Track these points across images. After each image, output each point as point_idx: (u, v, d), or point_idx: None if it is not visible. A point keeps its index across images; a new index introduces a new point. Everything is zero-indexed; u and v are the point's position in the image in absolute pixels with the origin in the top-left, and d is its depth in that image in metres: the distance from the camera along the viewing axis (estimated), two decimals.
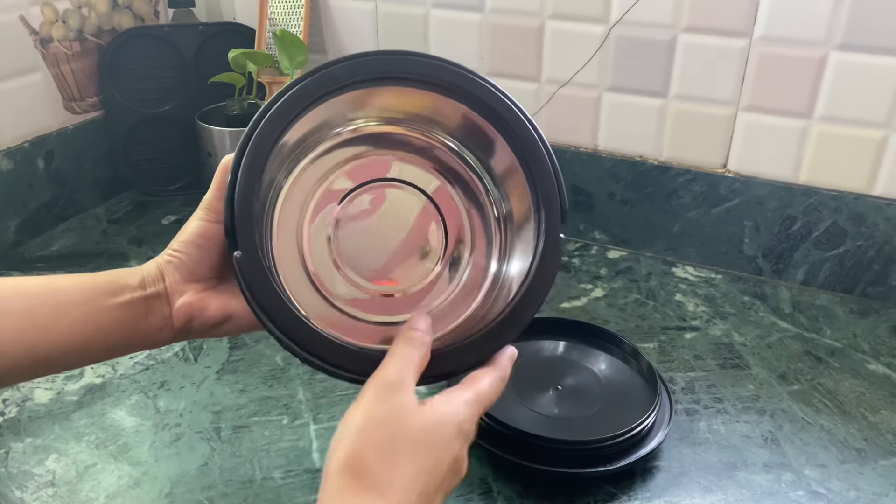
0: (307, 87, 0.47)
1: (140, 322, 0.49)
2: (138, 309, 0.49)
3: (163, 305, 0.50)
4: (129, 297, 0.48)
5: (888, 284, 0.83)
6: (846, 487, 0.59)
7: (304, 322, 0.45)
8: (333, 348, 0.45)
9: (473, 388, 0.44)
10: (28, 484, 0.60)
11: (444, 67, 0.50)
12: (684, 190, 0.89)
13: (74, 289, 0.47)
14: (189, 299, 0.50)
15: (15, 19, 0.91)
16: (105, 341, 0.48)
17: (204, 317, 0.50)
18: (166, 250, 0.51)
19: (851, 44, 0.76)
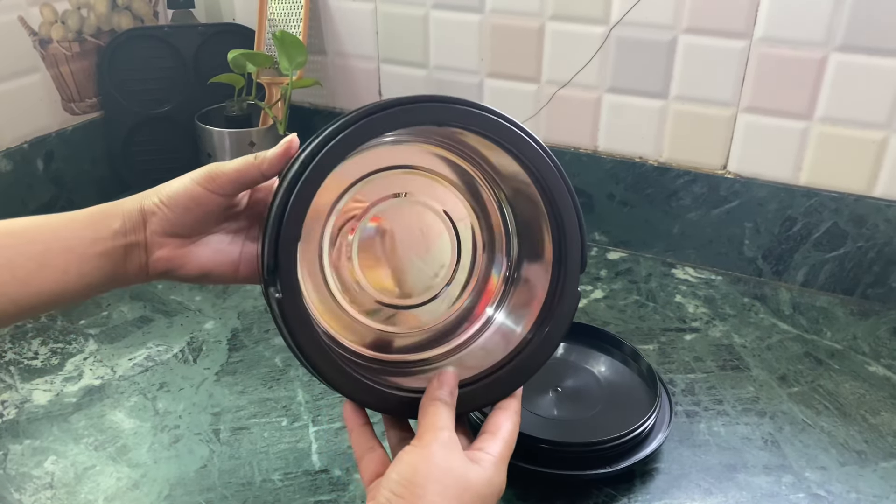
0: (362, 128, 0.45)
1: (118, 267, 0.50)
2: (118, 255, 0.49)
3: (140, 253, 0.50)
4: (109, 245, 0.49)
5: (888, 286, 0.82)
6: (846, 489, 0.59)
7: (344, 369, 0.46)
8: (372, 392, 0.47)
9: (504, 441, 0.46)
10: (26, 486, 0.60)
11: (494, 122, 0.49)
12: (684, 191, 0.89)
13: (53, 238, 0.48)
14: (167, 254, 0.50)
15: (14, 20, 0.91)
16: (85, 286, 0.49)
17: (181, 272, 0.51)
18: (152, 196, 0.51)
19: (852, 45, 0.76)
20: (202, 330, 0.78)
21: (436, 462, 0.42)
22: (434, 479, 0.41)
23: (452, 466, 0.42)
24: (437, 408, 0.46)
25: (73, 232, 0.48)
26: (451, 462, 0.42)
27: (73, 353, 0.75)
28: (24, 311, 0.48)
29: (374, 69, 1.02)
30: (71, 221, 0.49)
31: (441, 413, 0.45)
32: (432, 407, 0.46)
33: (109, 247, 0.49)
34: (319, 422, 0.66)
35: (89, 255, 0.48)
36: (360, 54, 1.02)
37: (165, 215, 0.50)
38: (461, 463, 0.43)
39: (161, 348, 0.76)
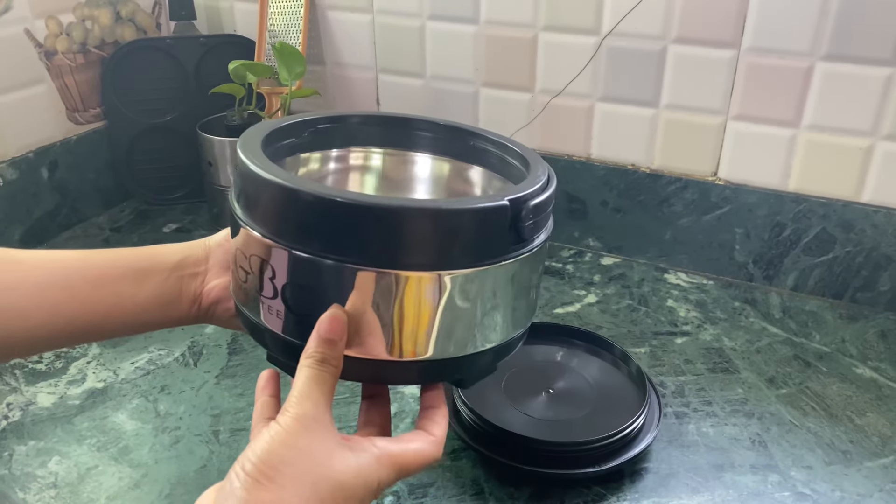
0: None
1: (173, 301, 0.50)
2: (173, 288, 0.50)
3: (197, 284, 0.50)
4: (165, 276, 0.49)
5: (876, 290, 0.84)
6: (831, 488, 0.61)
7: None
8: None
9: (408, 451, 0.41)
10: (31, 485, 0.61)
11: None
12: (676, 197, 0.90)
13: (109, 265, 0.49)
14: (223, 283, 0.50)
15: (20, 32, 0.93)
16: (139, 316, 0.49)
17: (230, 303, 0.50)
18: (221, 232, 0.52)
19: (837, 54, 0.78)
20: (203, 334, 0.80)
21: (293, 443, 0.36)
22: (289, 461, 0.36)
23: (313, 449, 0.37)
24: (306, 374, 0.39)
25: (132, 262, 0.49)
26: (312, 443, 0.37)
27: (77, 357, 0.76)
28: (77, 333, 0.48)
29: (371, 79, 1.04)
30: (131, 252, 0.50)
31: (309, 379, 0.39)
32: (301, 373, 0.39)
33: (165, 277, 0.49)
34: None
35: (145, 282, 0.49)
36: (358, 64, 1.04)
37: (227, 249, 0.51)
38: (326, 445, 0.37)
39: (162, 352, 0.77)
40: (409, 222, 0.38)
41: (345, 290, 0.39)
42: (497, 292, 0.42)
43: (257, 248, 0.41)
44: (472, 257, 0.40)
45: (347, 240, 0.38)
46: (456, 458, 0.64)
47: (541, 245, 0.44)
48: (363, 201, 0.38)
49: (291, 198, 0.39)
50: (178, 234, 1.02)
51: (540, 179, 0.43)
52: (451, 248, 0.39)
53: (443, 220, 0.38)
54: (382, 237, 0.38)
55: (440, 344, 0.41)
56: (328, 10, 1.02)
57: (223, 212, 1.02)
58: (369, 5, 0.99)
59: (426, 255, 0.39)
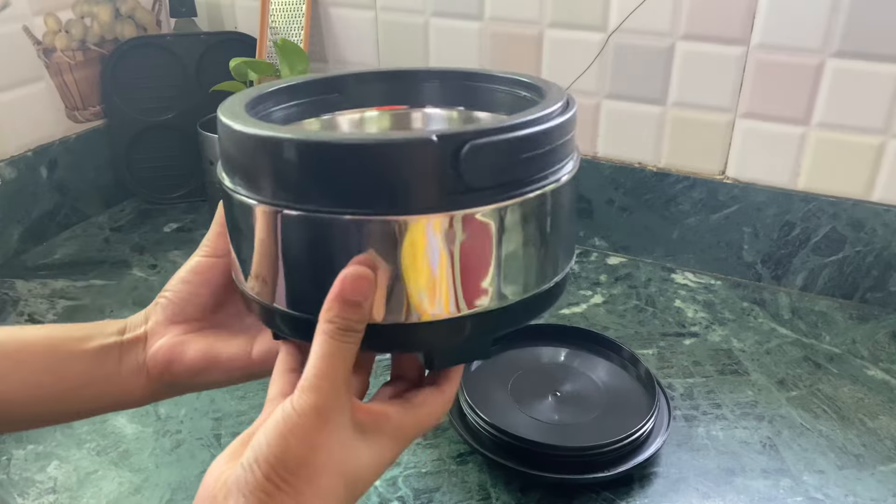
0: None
1: (112, 373, 0.43)
2: (110, 358, 0.44)
3: (139, 350, 0.44)
4: (99, 344, 0.43)
5: (887, 290, 0.83)
6: (844, 493, 0.60)
7: None
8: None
9: (419, 423, 0.38)
10: (30, 490, 0.60)
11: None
12: (683, 196, 0.89)
13: (43, 336, 0.43)
14: (168, 341, 0.44)
15: (18, 30, 0.92)
16: (73, 392, 0.43)
17: (184, 361, 0.44)
18: (162, 293, 0.46)
19: (848, 51, 0.76)
20: None
21: (311, 439, 0.34)
22: (306, 461, 0.33)
23: (332, 445, 0.34)
24: (325, 345, 0.34)
25: (64, 333, 0.44)
26: (330, 437, 0.34)
27: None
28: (3, 415, 0.43)
29: None
30: (67, 326, 0.45)
31: (330, 354, 0.34)
32: (319, 341, 0.35)
33: (98, 345, 0.43)
34: None
35: (75, 354, 0.43)
36: (361, 62, 1.03)
37: (168, 299, 0.45)
38: (343, 438, 0.35)
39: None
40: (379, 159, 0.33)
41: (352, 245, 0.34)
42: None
43: (246, 214, 0.37)
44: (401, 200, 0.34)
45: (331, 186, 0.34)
46: (462, 462, 0.63)
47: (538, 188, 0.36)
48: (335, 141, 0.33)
49: (264, 148, 0.35)
50: (179, 233, 1.01)
51: (540, 111, 0.36)
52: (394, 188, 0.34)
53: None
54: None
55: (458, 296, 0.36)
56: (330, 6, 1.01)
57: None
58: (372, 2, 0.98)
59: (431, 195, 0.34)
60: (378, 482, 0.60)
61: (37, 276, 0.91)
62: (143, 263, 0.94)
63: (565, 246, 0.40)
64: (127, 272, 0.91)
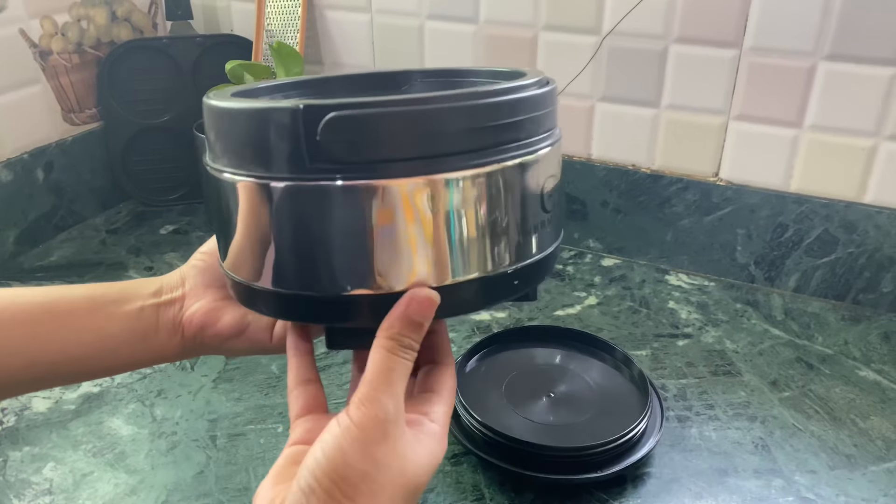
0: None
1: (149, 332, 0.45)
2: (149, 318, 0.45)
3: (175, 311, 0.46)
4: (139, 305, 0.45)
5: (879, 291, 0.83)
6: (836, 493, 0.60)
7: None
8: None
9: (449, 404, 0.40)
10: (25, 492, 0.60)
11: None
12: (677, 198, 0.90)
13: (81, 297, 0.45)
14: (204, 305, 0.46)
15: (15, 33, 0.92)
16: (112, 352, 0.45)
17: (217, 326, 0.46)
18: (195, 254, 0.48)
19: (840, 54, 0.77)
20: None
21: (372, 453, 0.34)
22: (368, 476, 0.33)
23: (392, 459, 0.34)
24: (385, 360, 0.35)
25: (104, 294, 0.45)
26: (391, 451, 0.34)
27: None
28: (41, 376, 0.45)
29: None
30: (105, 286, 0.46)
31: (391, 369, 0.35)
32: (379, 356, 0.35)
33: (138, 307, 0.45)
34: None
35: (116, 315, 0.45)
36: (357, 64, 1.03)
37: (205, 262, 0.47)
38: (402, 450, 0.35)
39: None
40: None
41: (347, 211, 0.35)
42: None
43: (230, 191, 0.37)
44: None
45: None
46: (456, 463, 0.63)
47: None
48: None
49: (231, 118, 0.37)
50: (176, 235, 1.01)
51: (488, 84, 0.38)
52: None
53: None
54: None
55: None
56: (326, 9, 1.02)
57: None
58: (367, 5, 0.98)
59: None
60: None
61: (33, 278, 0.91)
62: (140, 265, 0.94)
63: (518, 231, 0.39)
64: (123, 274, 0.92)
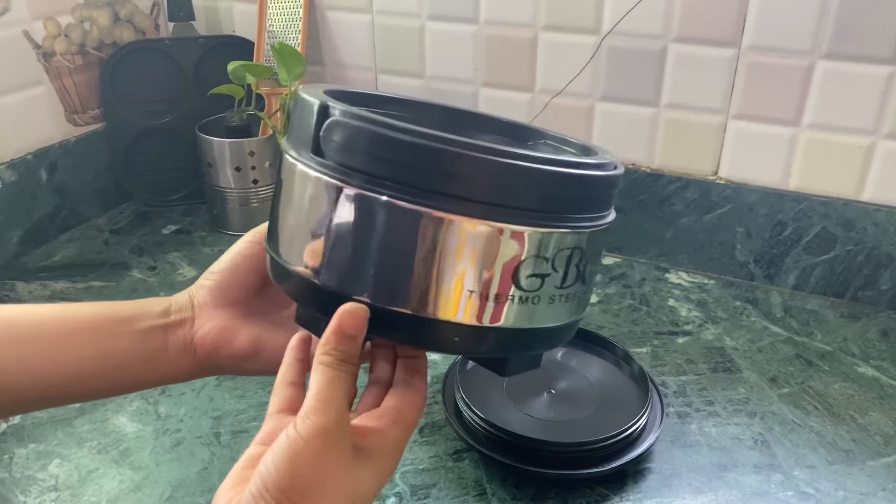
0: None
1: (158, 352, 0.45)
2: (157, 338, 0.45)
3: (186, 332, 0.46)
4: (147, 325, 0.45)
5: (878, 288, 0.84)
6: (834, 488, 0.60)
7: None
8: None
9: (408, 428, 0.39)
10: (31, 488, 0.61)
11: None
12: (676, 197, 0.90)
13: (89, 315, 0.45)
14: (217, 325, 0.46)
15: (18, 34, 0.93)
16: (119, 371, 0.45)
17: (232, 346, 0.46)
18: (204, 274, 0.48)
19: (838, 52, 0.78)
20: None
21: (318, 463, 0.35)
22: (314, 484, 0.34)
23: (338, 467, 0.35)
24: (325, 374, 0.36)
25: (112, 312, 0.45)
26: (336, 459, 0.35)
27: None
28: (48, 394, 0.44)
29: (371, 79, 1.04)
30: (113, 305, 0.46)
31: (331, 382, 0.36)
32: (320, 371, 0.36)
33: (146, 326, 0.45)
34: None
35: (124, 334, 0.44)
36: (358, 65, 1.04)
37: (215, 281, 0.47)
38: (347, 458, 0.36)
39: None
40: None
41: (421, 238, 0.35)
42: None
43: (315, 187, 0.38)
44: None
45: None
46: (458, 458, 0.63)
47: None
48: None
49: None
50: (178, 235, 1.02)
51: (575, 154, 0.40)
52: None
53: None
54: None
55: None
56: (327, 10, 1.02)
57: (223, 213, 1.02)
58: (368, 5, 0.99)
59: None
60: None
61: (37, 278, 0.92)
62: (143, 265, 0.94)
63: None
64: (126, 274, 0.92)
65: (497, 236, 0.36)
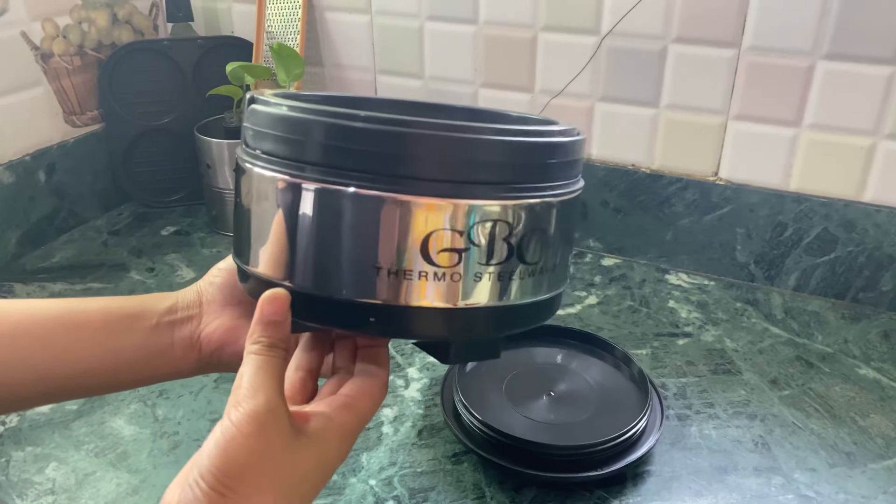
0: None
1: (164, 349, 0.46)
2: (163, 335, 0.46)
3: (192, 329, 0.46)
4: (154, 322, 0.45)
5: (879, 290, 0.83)
6: (835, 490, 0.60)
7: None
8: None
9: (360, 417, 0.39)
10: (28, 492, 0.61)
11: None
12: (676, 198, 0.90)
13: (96, 311, 0.45)
14: (224, 323, 0.46)
15: (16, 35, 0.92)
16: (125, 367, 0.45)
17: (238, 345, 0.46)
18: (212, 271, 0.48)
19: (838, 53, 0.77)
20: None
21: (250, 446, 0.34)
22: (248, 467, 0.34)
23: (272, 449, 0.35)
24: (253, 362, 0.36)
25: (119, 310, 0.45)
26: (270, 442, 0.35)
27: None
28: (54, 389, 0.44)
29: (370, 80, 1.03)
30: (120, 301, 0.46)
31: (260, 368, 0.36)
32: (248, 361, 0.36)
33: (153, 323, 0.45)
34: None
35: (129, 332, 0.45)
36: (357, 65, 1.03)
37: (224, 279, 0.47)
38: (283, 440, 0.35)
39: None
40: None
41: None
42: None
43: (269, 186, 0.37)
44: None
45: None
46: (457, 461, 0.63)
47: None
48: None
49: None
50: (177, 236, 1.02)
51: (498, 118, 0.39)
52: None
53: None
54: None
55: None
56: (326, 11, 1.02)
57: (222, 214, 1.01)
58: (367, 6, 0.99)
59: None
60: (373, 481, 0.61)
61: (35, 279, 0.92)
62: (141, 266, 0.94)
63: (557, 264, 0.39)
64: (125, 275, 0.92)
65: (400, 209, 0.34)
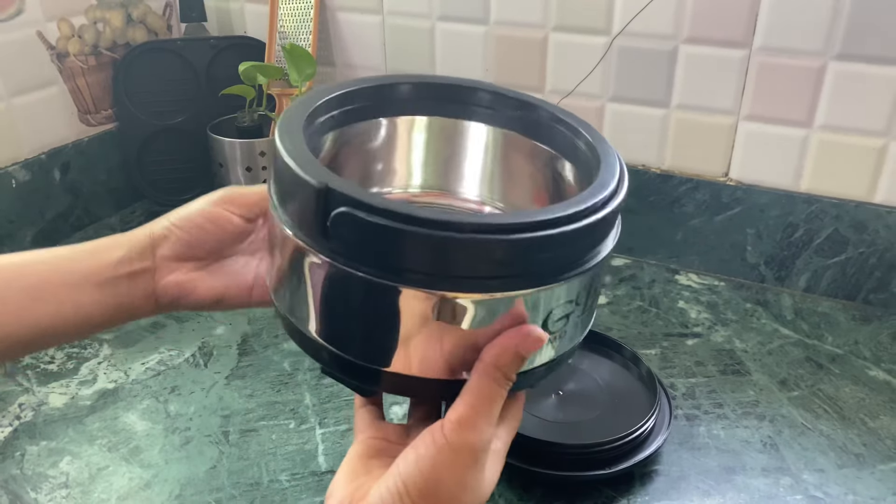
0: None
1: (121, 297, 0.46)
2: (120, 285, 0.46)
3: (148, 280, 0.47)
4: (110, 275, 0.46)
5: (890, 291, 0.83)
6: (844, 492, 0.60)
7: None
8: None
9: (513, 430, 0.40)
10: (42, 485, 0.62)
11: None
12: (687, 198, 0.90)
13: (50, 270, 0.45)
14: (179, 278, 0.47)
15: (32, 35, 0.94)
16: (84, 320, 0.46)
17: (193, 297, 0.48)
18: (162, 221, 0.48)
19: (850, 53, 0.77)
20: (213, 335, 0.80)
21: (463, 477, 0.34)
22: (455, 498, 0.34)
23: (478, 484, 0.35)
24: (489, 388, 0.35)
25: (73, 264, 0.46)
26: (479, 477, 0.35)
27: (88, 358, 0.77)
28: (19, 346, 0.45)
29: None
30: (71, 253, 0.46)
31: (491, 398, 0.35)
32: (484, 383, 0.35)
33: (110, 276, 0.46)
34: (326, 424, 0.67)
35: (87, 287, 0.45)
36: (368, 66, 1.04)
37: (178, 237, 0.47)
38: (487, 475, 0.36)
39: (173, 353, 0.77)
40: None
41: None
42: None
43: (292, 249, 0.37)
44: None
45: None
46: None
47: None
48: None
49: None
50: None
51: (584, 201, 0.37)
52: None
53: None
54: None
55: None
56: (338, 11, 1.03)
57: None
58: (379, 6, 0.99)
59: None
60: None
61: None
62: None
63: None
64: None
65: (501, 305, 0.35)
